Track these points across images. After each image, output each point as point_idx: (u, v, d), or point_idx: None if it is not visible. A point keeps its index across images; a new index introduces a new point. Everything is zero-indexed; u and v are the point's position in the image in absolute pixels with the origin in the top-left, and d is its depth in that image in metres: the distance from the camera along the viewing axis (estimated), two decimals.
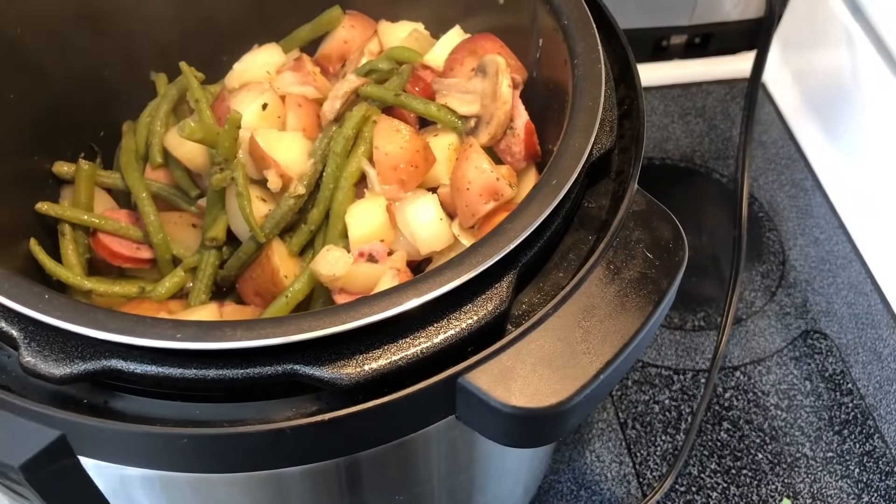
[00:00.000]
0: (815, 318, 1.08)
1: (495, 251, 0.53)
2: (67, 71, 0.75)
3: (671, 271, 0.58)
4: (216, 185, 0.71)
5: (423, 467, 0.64)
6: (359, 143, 0.72)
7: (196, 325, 0.50)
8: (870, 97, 1.12)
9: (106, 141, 0.81)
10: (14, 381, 0.53)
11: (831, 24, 1.18)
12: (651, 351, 1.04)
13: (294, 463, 0.55)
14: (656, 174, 1.22)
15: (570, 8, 0.66)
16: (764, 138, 1.27)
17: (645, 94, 0.67)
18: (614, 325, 0.54)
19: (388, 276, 0.65)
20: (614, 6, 0.72)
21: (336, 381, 0.50)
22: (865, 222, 1.14)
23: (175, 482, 0.59)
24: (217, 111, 0.76)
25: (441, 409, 0.54)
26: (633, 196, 0.60)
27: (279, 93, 0.77)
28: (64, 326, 0.49)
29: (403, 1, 0.83)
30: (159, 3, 0.80)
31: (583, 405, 0.52)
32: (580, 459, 0.95)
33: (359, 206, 0.70)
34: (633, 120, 0.65)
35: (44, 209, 0.72)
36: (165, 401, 0.52)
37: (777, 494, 0.94)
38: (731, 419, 0.99)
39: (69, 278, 0.71)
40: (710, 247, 1.15)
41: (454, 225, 0.70)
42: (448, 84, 0.74)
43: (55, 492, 0.54)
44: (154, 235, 0.74)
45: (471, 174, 0.67)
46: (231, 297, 0.75)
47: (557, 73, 0.67)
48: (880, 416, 0.99)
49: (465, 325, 0.53)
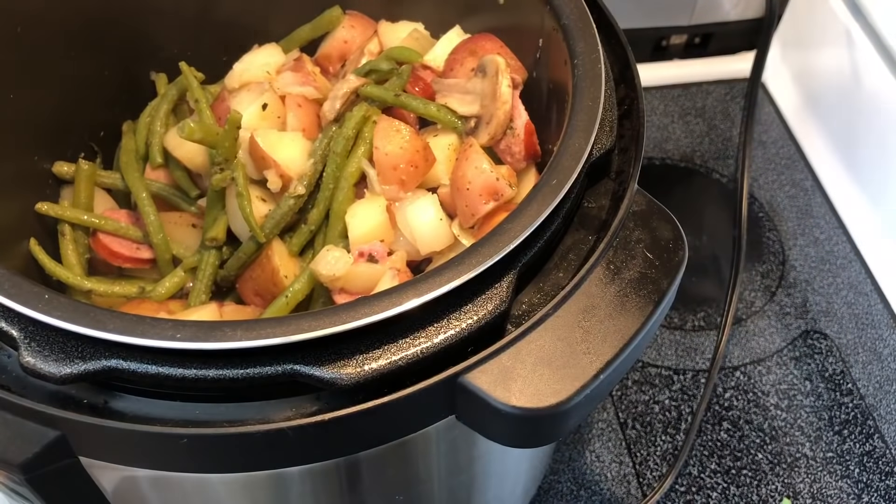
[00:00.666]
0: (815, 318, 1.08)
1: (495, 251, 0.53)
2: (67, 71, 0.75)
3: (671, 271, 0.58)
4: (216, 186, 0.71)
5: (423, 467, 0.64)
6: (359, 144, 0.72)
7: (196, 325, 0.50)
8: (870, 97, 1.12)
9: (106, 141, 0.81)
10: (14, 381, 0.53)
11: (831, 24, 1.18)
12: (651, 351, 1.05)
13: (294, 463, 0.55)
14: (656, 174, 1.22)
15: (570, 8, 0.66)
16: (764, 138, 1.27)
17: (645, 94, 0.67)
18: (614, 325, 0.54)
19: (387, 277, 0.65)
20: (614, 6, 0.72)
21: (336, 381, 0.50)
22: (865, 222, 1.14)
23: (175, 482, 0.59)
24: (217, 111, 0.76)
25: (441, 409, 0.54)
26: (633, 196, 0.60)
27: (279, 93, 0.77)
28: (64, 326, 0.49)
29: (403, 1, 0.83)
30: (160, 3, 0.80)
31: (583, 405, 0.52)
32: (580, 459, 0.95)
33: (359, 206, 0.70)
34: (633, 120, 0.65)
35: (44, 209, 0.72)
36: (165, 401, 0.52)
37: (777, 494, 0.94)
38: (731, 419, 0.99)
39: (69, 278, 0.71)
40: (710, 247, 1.15)
41: (454, 225, 0.70)
42: (448, 84, 0.74)
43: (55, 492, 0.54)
44: (154, 235, 0.74)
45: (471, 174, 0.67)
46: (231, 297, 0.75)
47: (557, 73, 0.67)
48: (880, 416, 0.99)
49: (465, 325, 0.53)
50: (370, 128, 0.72)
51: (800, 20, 1.28)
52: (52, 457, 0.51)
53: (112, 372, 0.50)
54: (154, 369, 0.50)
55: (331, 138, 0.72)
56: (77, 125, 0.78)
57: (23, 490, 0.52)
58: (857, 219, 1.15)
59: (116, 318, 0.50)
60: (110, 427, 0.50)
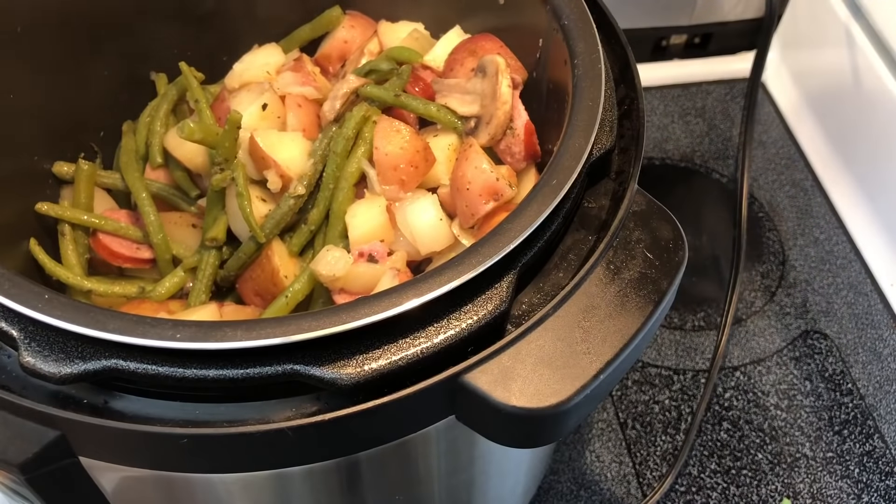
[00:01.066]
0: (815, 318, 1.08)
1: (495, 251, 0.53)
2: (67, 71, 0.75)
3: (671, 271, 0.58)
4: (216, 186, 0.71)
5: (423, 467, 0.64)
6: (359, 144, 0.72)
7: (196, 325, 0.50)
8: (870, 97, 1.12)
9: (106, 141, 0.81)
10: (14, 381, 0.53)
11: (831, 24, 1.18)
12: (651, 351, 1.04)
13: (294, 463, 0.55)
14: (656, 174, 1.22)
15: (570, 8, 0.66)
16: (764, 138, 1.27)
17: (645, 94, 0.67)
18: (614, 325, 0.54)
19: (387, 277, 0.65)
20: (614, 6, 0.72)
21: (336, 381, 0.50)
22: (865, 222, 1.14)
23: (175, 482, 0.59)
24: (217, 111, 0.76)
25: (441, 409, 0.54)
26: (633, 196, 0.60)
27: (279, 93, 0.77)
28: (64, 326, 0.49)
29: (403, 1, 0.83)
30: (160, 4, 0.80)
31: (583, 405, 0.52)
32: (580, 459, 0.95)
33: (359, 207, 0.70)
34: (633, 120, 0.65)
35: (44, 209, 0.72)
36: (165, 401, 0.52)
37: (777, 494, 0.94)
38: (731, 419, 0.99)
39: (69, 278, 0.71)
40: (710, 247, 1.15)
41: (454, 225, 0.70)
42: (448, 84, 0.74)
43: (55, 492, 0.54)
44: (154, 235, 0.74)
45: (470, 174, 0.67)
46: (231, 297, 0.75)
47: (557, 73, 0.67)
48: (880, 416, 0.99)
49: (465, 325, 0.52)
50: (370, 128, 0.72)
51: (800, 20, 1.28)
52: (52, 457, 0.51)
53: (112, 372, 0.50)
54: (154, 369, 0.50)
55: (331, 138, 0.72)
56: (77, 125, 0.78)
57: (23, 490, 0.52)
58: (857, 219, 1.15)
59: (116, 318, 0.50)
60: (110, 427, 0.50)
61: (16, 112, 0.70)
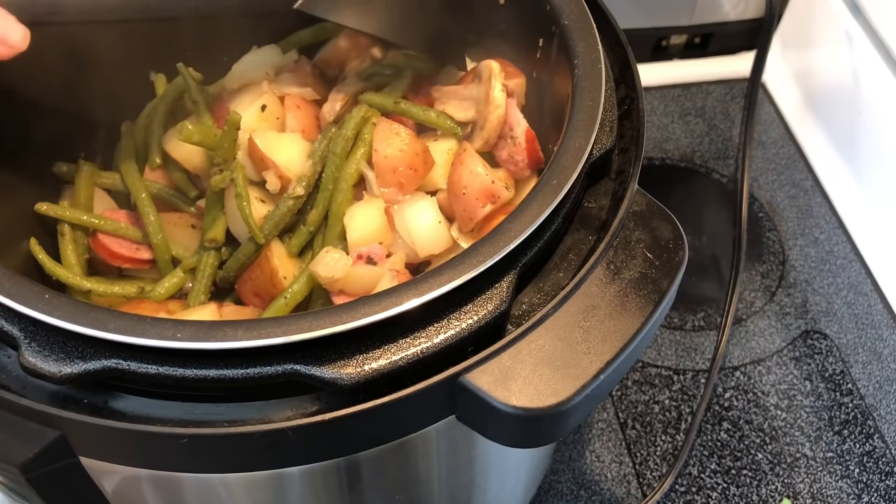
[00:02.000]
0: (815, 318, 1.08)
1: (495, 251, 0.53)
2: (67, 71, 0.75)
3: (671, 271, 0.58)
4: (215, 187, 0.71)
5: (423, 467, 0.64)
6: (358, 145, 0.72)
7: (196, 324, 0.50)
8: (870, 97, 1.12)
9: (106, 141, 0.81)
10: (14, 381, 0.53)
11: (831, 24, 1.18)
12: (651, 351, 1.04)
13: (294, 463, 0.55)
14: (656, 174, 1.22)
15: (570, 8, 0.66)
16: (764, 138, 1.27)
17: (645, 94, 0.67)
18: (614, 325, 0.54)
19: (386, 278, 0.65)
20: (614, 6, 0.72)
21: (336, 381, 0.50)
22: (865, 222, 1.14)
23: (175, 482, 0.59)
24: (216, 112, 0.76)
25: (441, 409, 0.54)
26: (633, 196, 0.60)
27: (278, 94, 0.77)
28: (64, 326, 0.49)
29: None
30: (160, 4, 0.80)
31: (583, 405, 0.52)
32: (580, 459, 0.95)
33: (357, 208, 0.70)
34: (633, 120, 0.65)
35: (43, 209, 0.72)
36: (165, 401, 0.52)
37: (777, 494, 0.94)
38: (731, 419, 0.99)
39: (69, 278, 0.71)
40: (710, 247, 1.15)
41: (453, 229, 0.70)
42: (446, 91, 0.74)
43: (55, 492, 0.54)
44: (153, 236, 0.74)
45: (466, 178, 0.67)
46: (230, 297, 0.75)
47: (557, 73, 0.67)
48: (880, 416, 0.99)
49: (465, 325, 0.52)
50: (369, 129, 0.72)
51: (800, 20, 1.28)
52: (52, 457, 0.51)
53: (112, 372, 0.50)
54: (154, 369, 0.50)
55: (330, 139, 0.72)
56: (77, 125, 0.78)
57: (23, 490, 0.52)
58: (857, 219, 1.15)
59: (117, 318, 0.50)
60: (110, 427, 0.50)
61: (16, 112, 0.70)
